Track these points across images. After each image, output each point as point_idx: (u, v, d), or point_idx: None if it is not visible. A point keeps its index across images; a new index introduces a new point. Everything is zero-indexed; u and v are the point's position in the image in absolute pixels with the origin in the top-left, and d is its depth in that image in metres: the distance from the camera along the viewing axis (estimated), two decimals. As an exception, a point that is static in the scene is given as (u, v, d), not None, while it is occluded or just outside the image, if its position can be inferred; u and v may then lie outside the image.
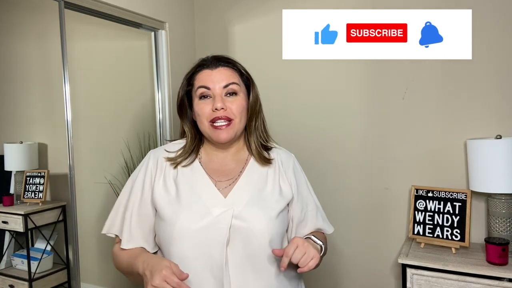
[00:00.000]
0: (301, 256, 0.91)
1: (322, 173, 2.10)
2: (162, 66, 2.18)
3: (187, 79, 1.09)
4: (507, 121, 1.70)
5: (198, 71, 1.07)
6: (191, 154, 1.09)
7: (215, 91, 1.02)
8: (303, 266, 0.91)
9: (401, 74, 1.90)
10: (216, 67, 1.05)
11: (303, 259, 0.91)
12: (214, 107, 1.01)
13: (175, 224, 0.97)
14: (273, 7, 2.19)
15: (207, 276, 0.94)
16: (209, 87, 1.03)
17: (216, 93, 1.02)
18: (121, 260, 1.04)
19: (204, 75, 1.05)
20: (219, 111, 1.01)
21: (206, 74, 1.04)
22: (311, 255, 0.92)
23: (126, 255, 1.02)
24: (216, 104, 1.00)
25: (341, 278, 2.09)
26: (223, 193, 1.02)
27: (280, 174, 1.09)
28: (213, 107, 1.01)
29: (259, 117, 1.11)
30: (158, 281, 0.83)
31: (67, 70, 1.67)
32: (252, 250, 0.97)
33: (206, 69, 1.05)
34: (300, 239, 0.94)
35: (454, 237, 1.66)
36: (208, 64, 1.06)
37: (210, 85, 1.03)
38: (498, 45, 1.71)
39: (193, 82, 1.07)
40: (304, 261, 0.91)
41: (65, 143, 1.69)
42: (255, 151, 1.09)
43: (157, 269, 0.85)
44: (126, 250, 1.03)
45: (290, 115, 2.18)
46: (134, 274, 0.96)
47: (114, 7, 1.82)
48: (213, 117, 1.01)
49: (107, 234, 1.09)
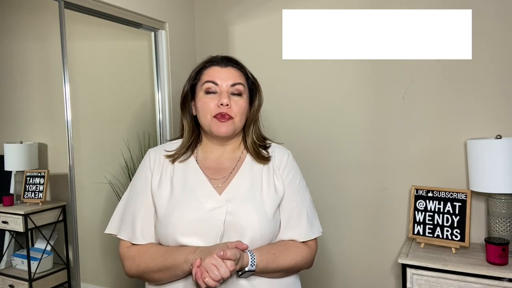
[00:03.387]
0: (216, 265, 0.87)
1: (322, 173, 2.10)
2: (162, 66, 2.18)
3: (196, 72, 1.11)
4: (507, 121, 1.70)
5: (208, 67, 1.10)
6: (188, 150, 1.11)
7: (222, 88, 1.05)
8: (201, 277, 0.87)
9: (401, 74, 1.90)
10: (225, 66, 1.09)
11: (211, 270, 0.86)
12: (220, 103, 1.03)
13: (170, 220, 0.98)
14: (273, 7, 2.19)
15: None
16: (217, 82, 1.06)
17: (223, 89, 1.05)
18: (150, 257, 0.99)
19: (213, 71, 1.08)
20: (224, 107, 1.03)
21: (216, 70, 1.08)
22: (215, 273, 0.86)
23: (160, 249, 0.99)
24: (222, 99, 1.03)
25: (341, 278, 2.09)
26: (218, 190, 1.03)
27: (274, 171, 1.10)
28: (218, 103, 1.04)
29: (257, 121, 1.15)
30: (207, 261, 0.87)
31: (67, 70, 1.67)
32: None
33: (216, 65, 1.09)
34: (239, 252, 0.91)
35: (454, 237, 1.66)
36: (218, 62, 1.10)
37: (218, 81, 1.06)
38: (498, 45, 1.71)
39: (201, 77, 1.09)
40: (209, 272, 0.86)
41: (65, 143, 1.69)
42: (252, 149, 1.11)
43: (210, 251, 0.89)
44: (154, 246, 1.01)
45: (290, 115, 2.18)
46: (172, 266, 0.94)
47: (114, 7, 1.82)
48: (217, 112, 1.04)
49: (115, 235, 1.08)
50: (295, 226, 1.06)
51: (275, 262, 0.98)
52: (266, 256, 0.97)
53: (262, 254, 0.97)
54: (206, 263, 0.87)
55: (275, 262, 0.98)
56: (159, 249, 1.00)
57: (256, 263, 0.94)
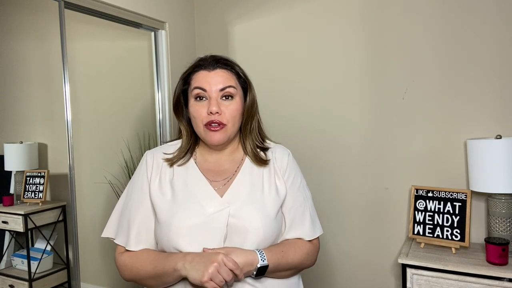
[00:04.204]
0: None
1: (322, 173, 2.10)
2: (162, 66, 2.18)
3: (183, 79, 1.08)
4: (507, 121, 1.70)
5: (196, 71, 1.05)
6: (186, 154, 1.09)
7: (211, 94, 1.01)
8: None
9: (401, 74, 1.90)
10: (213, 69, 1.04)
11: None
12: (209, 111, 1.00)
13: (171, 224, 0.97)
14: (273, 7, 2.19)
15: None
16: (205, 89, 1.02)
17: (212, 95, 1.01)
18: (140, 264, 0.99)
19: (201, 76, 1.03)
20: (213, 114, 1.00)
21: (203, 75, 1.03)
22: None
23: (150, 256, 0.99)
24: (211, 107, 1.00)
25: (341, 278, 2.09)
26: (219, 192, 1.02)
27: (276, 173, 1.09)
28: (208, 111, 1.00)
29: (254, 119, 1.11)
30: (211, 270, 0.86)
31: (67, 70, 1.67)
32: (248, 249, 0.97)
33: (203, 70, 1.04)
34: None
35: (454, 237, 1.66)
36: (206, 65, 1.05)
37: (206, 87, 1.02)
38: (498, 45, 1.71)
39: (190, 82, 1.06)
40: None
41: (65, 143, 1.69)
42: (251, 152, 1.09)
43: (209, 260, 0.88)
44: (144, 253, 1.01)
45: (290, 115, 2.18)
46: (163, 274, 0.94)
47: (114, 7, 1.82)
48: (207, 120, 1.01)
49: (112, 239, 1.08)
50: (299, 226, 1.07)
51: (285, 258, 0.99)
52: (275, 253, 0.97)
53: (271, 252, 0.97)
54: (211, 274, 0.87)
55: (285, 258, 0.99)
56: (149, 256, 0.99)
57: (267, 259, 0.95)
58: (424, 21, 1.84)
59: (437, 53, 1.82)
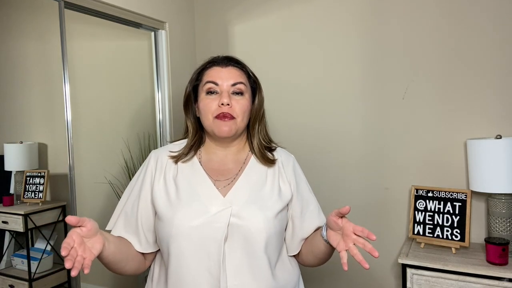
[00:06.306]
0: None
1: (322, 173, 2.10)
2: (162, 66, 2.18)
3: (197, 74, 1.12)
4: (507, 121, 1.70)
5: (208, 67, 1.10)
6: (191, 150, 1.10)
7: (223, 88, 1.05)
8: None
9: (401, 74, 1.90)
10: (226, 66, 1.08)
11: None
12: (221, 102, 1.03)
13: (173, 222, 0.97)
14: (273, 7, 2.19)
15: (204, 274, 0.95)
16: (217, 83, 1.05)
17: (223, 89, 1.05)
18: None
19: (214, 71, 1.08)
20: (224, 106, 1.03)
21: (216, 70, 1.08)
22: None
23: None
24: (223, 99, 1.03)
25: (341, 278, 2.09)
26: (222, 192, 1.03)
27: (280, 174, 1.10)
28: (219, 102, 1.03)
29: (262, 121, 1.14)
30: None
31: (67, 70, 1.67)
32: (250, 249, 0.97)
33: (216, 66, 1.09)
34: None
35: (454, 237, 1.66)
36: (219, 62, 1.09)
37: (218, 81, 1.05)
38: (498, 45, 1.71)
39: (202, 78, 1.09)
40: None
41: (65, 143, 1.69)
42: (258, 151, 1.11)
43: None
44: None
45: (290, 115, 2.18)
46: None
47: (114, 7, 1.82)
48: (218, 112, 1.03)
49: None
50: (317, 216, 1.13)
51: None
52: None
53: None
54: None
55: None
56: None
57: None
58: (424, 21, 1.84)
59: (437, 53, 1.82)
